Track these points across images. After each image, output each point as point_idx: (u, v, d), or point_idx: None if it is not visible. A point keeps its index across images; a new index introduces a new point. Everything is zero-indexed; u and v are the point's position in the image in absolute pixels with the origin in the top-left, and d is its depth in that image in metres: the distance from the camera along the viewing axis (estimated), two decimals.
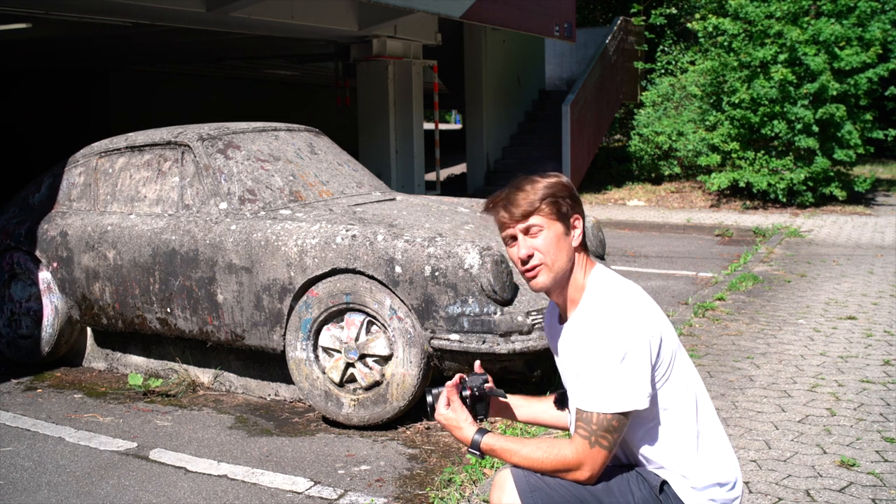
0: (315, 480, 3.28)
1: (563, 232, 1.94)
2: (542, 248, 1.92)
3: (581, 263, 1.98)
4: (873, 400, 3.95)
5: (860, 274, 7.08)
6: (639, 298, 1.94)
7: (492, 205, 1.98)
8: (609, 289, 1.93)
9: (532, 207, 1.92)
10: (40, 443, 3.78)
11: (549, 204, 1.93)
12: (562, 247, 1.94)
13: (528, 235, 1.93)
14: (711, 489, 1.93)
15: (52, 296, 4.79)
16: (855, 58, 10.77)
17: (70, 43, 11.14)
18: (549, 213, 1.93)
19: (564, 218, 1.95)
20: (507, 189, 1.98)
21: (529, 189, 1.94)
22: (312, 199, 4.44)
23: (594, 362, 1.83)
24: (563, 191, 1.96)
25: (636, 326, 1.85)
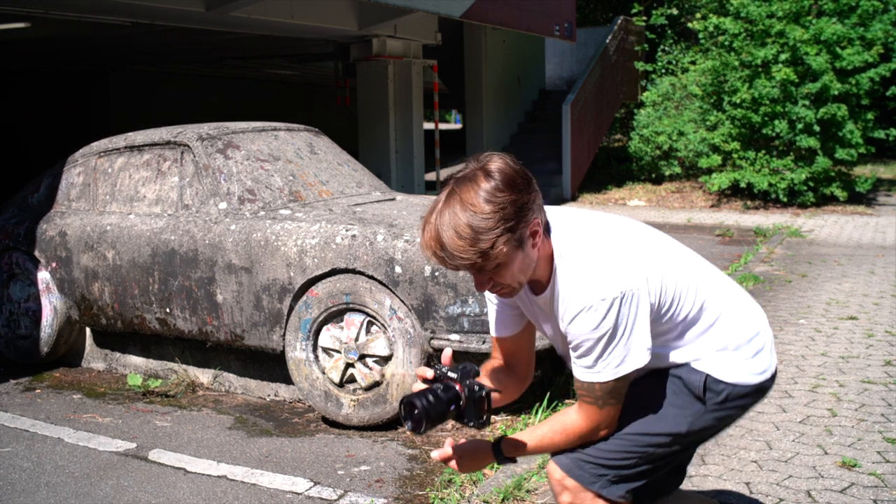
0: (315, 481, 3.27)
1: (522, 252, 1.69)
2: (506, 278, 1.71)
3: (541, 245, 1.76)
4: (875, 400, 3.94)
5: (861, 274, 7.06)
6: (618, 248, 1.77)
7: (428, 246, 1.66)
8: (583, 255, 1.75)
9: (481, 258, 1.62)
10: (39, 443, 3.77)
11: (504, 245, 1.63)
12: (525, 263, 1.71)
13: (483, 271, 1.69)
14: (747, 347, 1.89)
15: (51, 296, 4.78)
16: (856, 57, 10.76)
17: (69, 43, 11.14)
18: (504, 251, 1.64)
19: (521, 239, 1.67)
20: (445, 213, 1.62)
21: (471, 236, 1.60)
22: (312, 199, 4.43)
23: (587, 339, 1.73)
24: (510, 209, 1.62)
25: (625, 290, 1.71)
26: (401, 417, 1.75)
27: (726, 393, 1.90)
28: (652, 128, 13.68)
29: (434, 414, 1.72)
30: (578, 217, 1.84)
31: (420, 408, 1.71)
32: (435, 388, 1.76)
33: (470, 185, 1.63)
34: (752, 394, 1.93)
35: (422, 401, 1.72)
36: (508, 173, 1.64)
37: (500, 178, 1.63)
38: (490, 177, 1.63)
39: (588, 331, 1.71)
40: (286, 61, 14.10)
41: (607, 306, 1.69)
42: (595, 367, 1.75)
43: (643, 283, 1.74)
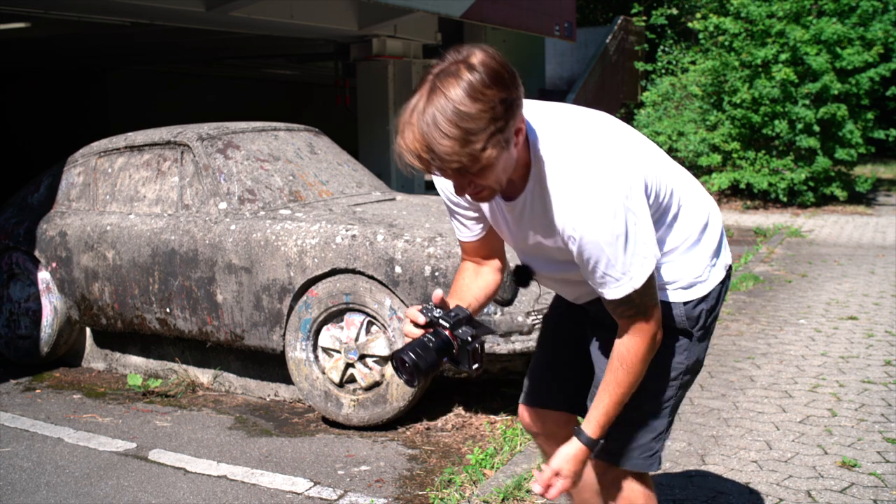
0: (315, 481, 3.27)
1: (507, 153, 1.52)
2: (489, 180, 1.53)
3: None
4: (874, 400, 3.94)
5: (861, 274, 7.06)
6: (605, 143, 1.64)
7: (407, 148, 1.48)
8: (572, 154, 1.60)
9: (470, 160, 1.46)
10: (39, 443, 3.77)
11: (493, 143, 1.46)
12: (508, 163, 1.55)
13: (466, 173, 1.52)
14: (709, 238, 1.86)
15: (51, 296, 4.78)
16: (857, 57, 10.77)
17: (69, 42, 11.13)
18: (494, 151, 1.47)
19: (508, 140, 1.50)
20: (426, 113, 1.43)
21: (457, 128, 1.42)
22: (312, 198, 4.43)
23: (606, 246, 1.59)
24: (500, 108, 1.45)
25: (627, 183, 1.59)
26: (395, 371, 1.72)
27: (701, 311, 1.86)
28: (652, 128, 13.68)
29: (424, 366, 1.67)
30: (549, 111, 1.68)
31: (410, 362, 1.66)
32: (425, 338, 1.69)
33: (454, 81, 1.44)
34: (720, 294, 1.90)
35: (410, 355, 1.67)
36: (494, 67, 1.46)
37: (485, 73, 1.45)
38: (474, 70, 1.45)
39: (607, 237, 1.58)
40: (286, 61, 14.09)
41: (617, 204, 1.57)
42: (627, 275, 1.62)
43: (639, 174, 1.65)
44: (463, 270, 1.95)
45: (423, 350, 1.68)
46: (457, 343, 1.70)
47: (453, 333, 1.71)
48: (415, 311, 1.72)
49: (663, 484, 3.09)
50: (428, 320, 1.72)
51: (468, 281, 1.93)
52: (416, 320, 1.71)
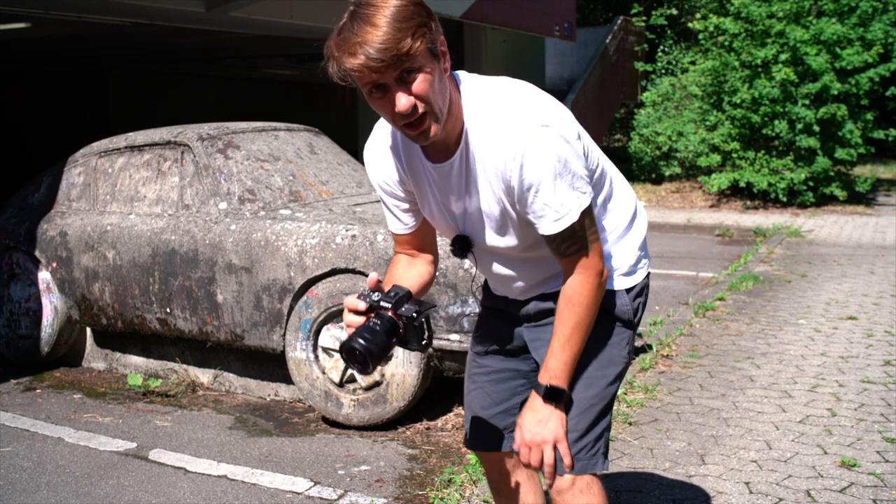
0: (315, 481, 3.27)
1: (438, 68, 1.58)
2: (425, 94, 1.55)
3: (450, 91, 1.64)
4: (874, 400, 3.94)
5: (861, 274, 7.07)
6: (533, 90, 1.69)
7: (341, 52, 1.52)
8: (501, 97, 1.65)
9: (403, 48, 1.50)
10: (39, 443, 3.77)
11: (421, 38, 1.52)
12: (442, 84, 1.59)
13: (404, 83, 1.54)
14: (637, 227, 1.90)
15: (52, 296, 4.78)
16: (856, 57, 10.77)
17: (69, 42, 11.13)
18: (423, 48, 1.53)
19: (434, 47, 1.57)
20: (355, 24, 1.51)
21: (389, 22, 1.50)
22: (312, 199, 4.43)
23: (545, 174, 1.61)
24: (423, 11, 1.55)
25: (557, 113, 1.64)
26: (346, 364, 1.65)
27: (639, 304, 1.88)
28: (652, 128, 13.69)
29: (376, 350, 1.63)
30: (476, 76, 1.74)
31: (360, 348, 1.62)
32: (371, 323, 1.66)
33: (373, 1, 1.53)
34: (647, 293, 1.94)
35: (359, 342, 1.62)
36: None
37: None
38: None
39: (545, 164, 1.60)
40: (286, 61, 14.11)
41: (551, 130, 1.61)
42: (566, 205, 1.64)
43: (572, 118, 1.69)
44: (396, 262, 1.94)
45: (371, 334, 1.64)
46: (402, 322, 1.67)
47: (396, 313, 1.67)
48: (353, 299, 1.69)
49: (663, 484, 3.09)
50: (368, 305, 1.69)
51: (402, 270, 1.91)
52: (356, 308, 1.68)
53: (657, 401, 3.98)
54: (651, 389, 4.10)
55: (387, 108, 1.57)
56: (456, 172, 1.71)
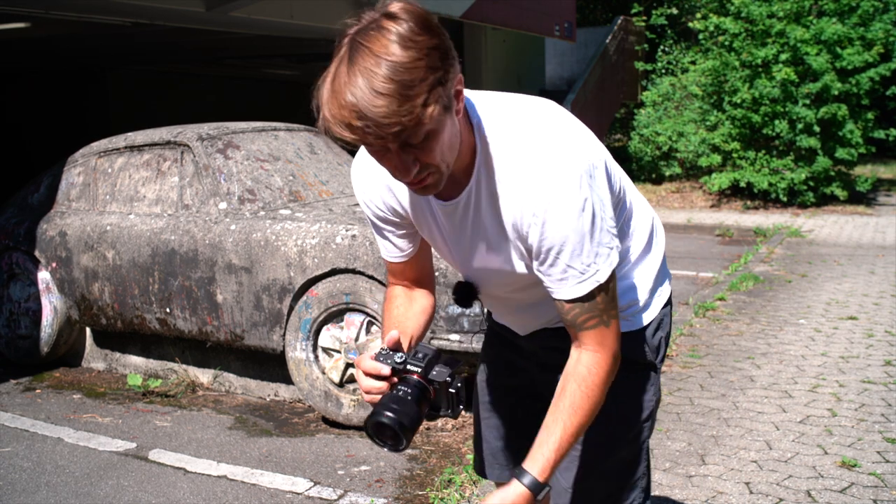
0: (315, 481, 3.27)
1: (451, 119, 1.31)
2: (435, 156, 1.31)
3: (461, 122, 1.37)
4: (874, 400, 3.94)
5: (861, 274, 7.06)
6: (564, 121, 1.43)
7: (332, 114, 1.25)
8: (523, 133, 1.39)
9: (411, 123, 1.23)
10: (39, 443, 3.77)
11: (435, 102, 1.24)
12: (453, 136, 1.33)
13: (409, 147, 1.29)
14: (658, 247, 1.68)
15: (51, 296, 4.78)
16: (857, 57, 10.77)
17: (69, 42, 11.13)
18: (436, 113, 1.25)
19: (449, 98, 1.28)
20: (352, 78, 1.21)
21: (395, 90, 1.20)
22: (312, 198, 4.43)
23: (571, 231, 1.37)
24: (435, 55, 1.24)
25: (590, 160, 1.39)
26: (374, 442, 1.42)
27: (660, 339, 1.69)
28: (652, 128, 13.69)
29: (409, 422, 1.38)
30: (490, 96, 1.47)
31: (392, 423, 1.37)
32: (397, 392, 1.41)
33: (377, 34, 1.23)
34: (670, 319, 1.74)
35: (389, 416, 1.37)
36: (419, 13, 1.26)
37: (412, 20, 1.24)
38: (399, 20, 1.24)
39: (573, 215, 1.36)
40: (286, 61, 14.10)
41: (582, 179, 1.36)
42: (592, 266, 1.40)
43: (599, 154, 1.45)
44: (393, 298, 1.69)
45: (401, 405, 1.39)
46: (432, 387, 1.44)
47: (427, 378, 1.43)
48: (372, 362, 1.43)
49: (663, 484, 3.09)
50: (392, 370, 1.43)
51: (404, 309, 1.67)
52: (378, 373, 1.43)
53: None
54: None
55: (386, 164, 1.33)
56: (462, 212, 1.47)
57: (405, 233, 1.62)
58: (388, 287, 1.72)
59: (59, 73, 15.42)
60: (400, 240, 1.63)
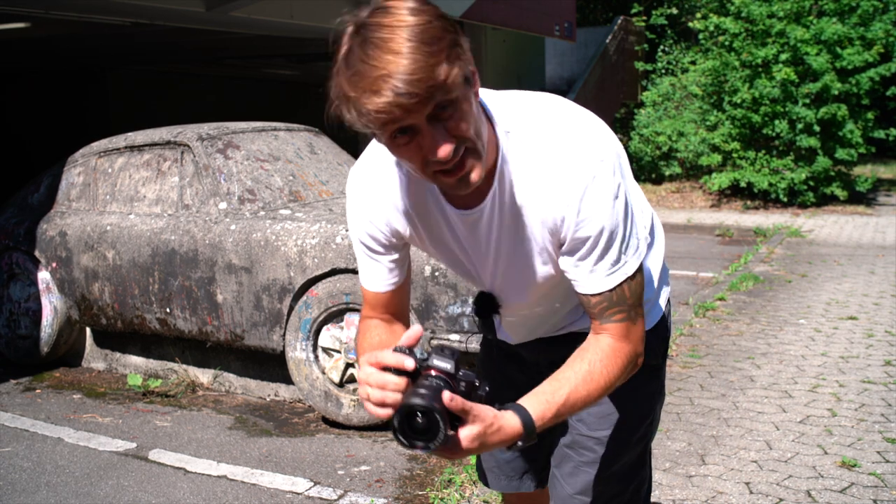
0: (315, 481, 3.27)
1: (471, 94, 1.26)
2: (467, 133, 1.24)
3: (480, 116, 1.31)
4: (874, 400, 3.94)
5: (861, 274, 7.06)
6: (582, 112, 1.39)
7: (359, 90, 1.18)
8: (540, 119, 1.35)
9: (440, 77, 1.18)
10: (39, 443, 3.77)
11: (456, 61, 1.20)
12: (479, 114, 1.29)
13: (439, 121, 1.22)
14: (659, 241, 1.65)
15: (51, 296, 4.78)
16: (857, 57, 10.77)
17: (68, 42, 11.13)
18: (459, 76, 1.21)
19: (466, 69, 1.24)
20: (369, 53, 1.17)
21: (415, 46, 1.16)
22: (312, 198, 4.43)
23: (606, 221, 1.33)
24: (445, 21, 1.22)
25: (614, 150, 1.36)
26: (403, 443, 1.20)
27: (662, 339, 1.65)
28: (652, 128, 13.69)
29: (441, 407, 1.19)
30: (502, 93, 1.43)
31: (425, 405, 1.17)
32: (423, 381, 1.23)
33: (384, 12, 1.20)
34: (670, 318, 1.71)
35: (423, 397, 1.18)
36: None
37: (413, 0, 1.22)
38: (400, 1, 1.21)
39: (607, 206, 1.32)
40: (286, 61, 14.10)
41: (612, 168, 1.33)
42: (622, 258, 1.36)
43: (611, 134, 1.40)
44: (370, 329, 1.55)
45: (432, 391, 1.20)
46: (460, 388, 1.27)
47: (455, 376, 1.26)
48: (394, 354, 1.25)
49: (663, 484, 3.09)
50: (418, 365, 1.25)
51: (385, 338, 1.52)
52: (402, 366, 1.24)
53: None
54: None
55: (416, 154, 1.25)
56: (487, 220, 1.39)
57: (399, 258, 1.54)
58: (362, 321, 1.58)
59: (59, 73, 15.42)
60: (393, 265, 1.53)
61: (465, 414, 1.22)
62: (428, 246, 1.51)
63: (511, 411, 1.30)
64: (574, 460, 1.65)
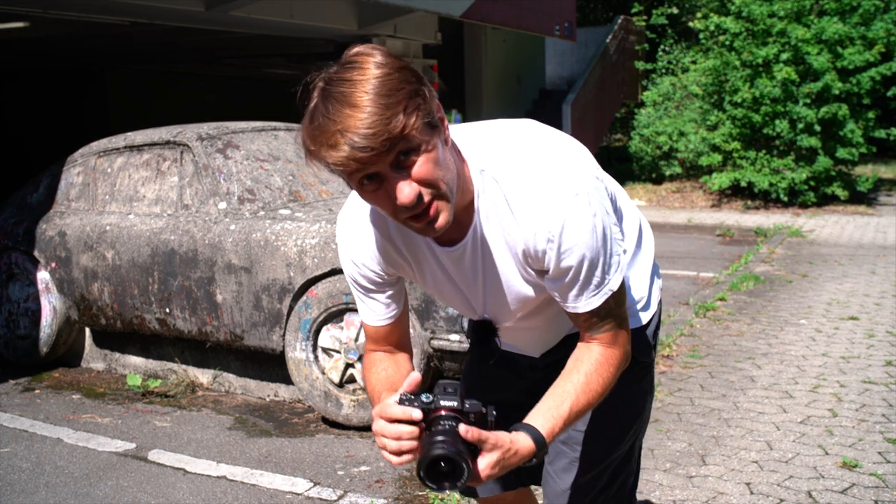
0: (315, 481, 3.26)
1: (439, 139, 1.31)
2: (430, 177, 1.28)
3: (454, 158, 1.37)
4: (875, 401, 3.93)
5: (862, 274, 7.05)
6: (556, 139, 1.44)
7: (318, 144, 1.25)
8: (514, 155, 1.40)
9: (396, 129, 1.23)
10: (38, 444, 3.76)
11: (415, 111, 1.25)
12: (445, 160, 1.32)
13: (402, 168, 1.28)
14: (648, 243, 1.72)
15: (51, 296, 4.77)
16: (858, 57, 10.76)
17: (67, 42, 11.12)
18: (419, 124, 1.26)
19: (431, 116, 1.29)
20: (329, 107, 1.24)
21: (372, 99, 1.22)
22: (312, 198, 4.42)
23: (586, 248, 1.39)
24: (408, 72, 1.28)
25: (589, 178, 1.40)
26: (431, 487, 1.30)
27: (651, 336, 1.72)
28: (652, 128, 13.67)
29: (465, 449, 1.30)
30: (471, 127, 1.48)
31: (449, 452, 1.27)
32: (437, 428, 1.32)
33: (346, 71, 1.27)
34: (660, 316, 1.78)
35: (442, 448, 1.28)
36: (382, 49, 1.30)
37: (379, 51, 1.28)
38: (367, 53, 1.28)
39: (585, 237, 1.38)
40: (286, 61, 14.09)
41: (587, 199, 1.38)
42: (606, 278, 1.43)
43: (595, 166, 1.46)
44: (377, 361, 1.63)
45: (449, 436, 1.30)
46: (468, 419, 1.36)
47: (462, 411, 1.35)
48: (400, 407, 1.33)
49: (663, 484, 3.08)
50: (425, 410, 1.34)
51: (392, 371, 1.60)
52: (409, 418, 1.32)
53: (658, 401, 3.97)
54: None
55: (385, 201, 1.30)
56: (470, 253, 1.47)
57: (393, 293, 1.60)
58: (367, 355, 1.66)
59: (58, 73, 15.41)
60: (389, 301, 1.60)
61: (482, 443, 1.31)
62: (420, 280, 1.57)
63: (523, 433, 1.38)
64: (568, 456, 1.70)
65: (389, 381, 1.57)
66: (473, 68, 14.23)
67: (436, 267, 1.52)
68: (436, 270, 1.53)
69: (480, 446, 1.32)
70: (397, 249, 1.52)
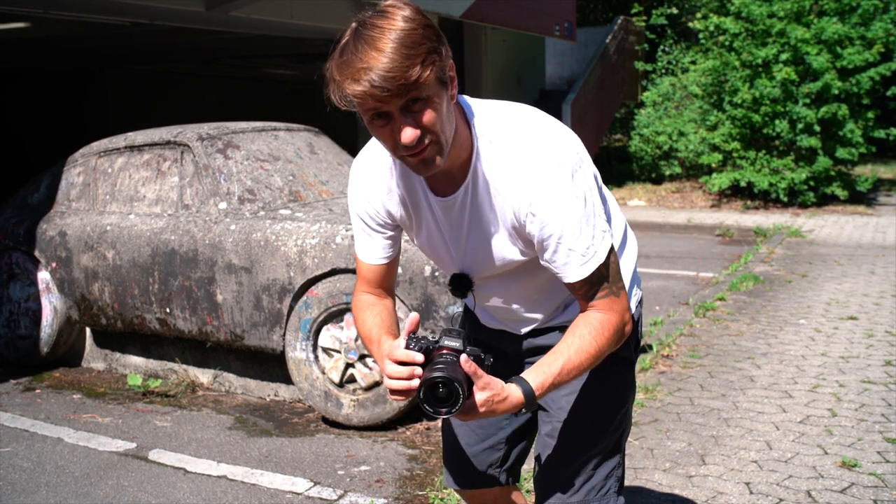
0: (315, 481, 3.27)
1: (446, 95, 1.47)
2: (432, 126, 1.45)
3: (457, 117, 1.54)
4: (875, 400, 3.94)
5: (861, 274, 7.06)
6: (549, 120, 1.61)
7: (343, 76, 1.41)
8: (511, 126, 1.57)
9: (411, 77, 1.39)
10: (39, 443, 3.77)
11: (431, 66, 1.42)
12: (449, 113, 1.49)
13: (409, 112, 1.44)
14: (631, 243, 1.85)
15: (51, 296, 4.77)
16: (857, 57, 10.76)
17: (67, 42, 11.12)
18: (432, 77, 1.42)
19: (443, 73, 1.46)
20: (358, 46, 1.40)
21: (396, 48, 1.38)
22: (312, 198, 4.42)
23: (570, 216, 1.52)
24: (431, 30, 1.44)
25: (576, 153, 1.56)
26: (429, 411, 1.43)
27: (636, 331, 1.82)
28: (652, 128, 13.68)
29: (462, 377, 1.43)
30: (481, 101, 1.65)
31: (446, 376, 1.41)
32: (437, 360, 1.46)
33: (381, 16, 1.42)
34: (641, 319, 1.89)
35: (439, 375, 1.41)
36: (415, 6, 1.45)
37: (409, 8, 1.44)
38: (399, 7, 1.44)
39: (567, 209, 1.52)
40: (286, 61, 14.10)
41: (571, 173, 1.52)
42: (592, 246, 1.55)
43: (583, 148, 1.61)
44: (369, 305, 1.77)
45: (448, 365, 1.44)
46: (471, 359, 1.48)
47: (464, 352, 1.48)
48: (402, 350, 1.49)
49: (663, 484, 3.08)
50: (427, 350, 1.49)
51: (385, 316, 1.76)
52: (413, 360, 1.48)
53: (657, 401, 3.98)
54: (651, 389, 4.10)
55: (388, 137, 1.47)
56: (459, 206, 1.61)
57: (393, 235, 1.76)
58: (357, 295, 1.80)
59: (58, 74, 15.41)
60: (389, 241, 1.76)
61: (476, 378, 1.46)
62: (416, 229, 1.72)
63: (514, 384, 1.52)
64: (555, 449, 1.79)
65: (385, 325, 1.73)
66: (473, 68, 14.23)
67: (429, 214, 1.67)
68: (429, 219, 1.67)
69: (474, 381, 1.46)
70: (400, 195, 1.68)
